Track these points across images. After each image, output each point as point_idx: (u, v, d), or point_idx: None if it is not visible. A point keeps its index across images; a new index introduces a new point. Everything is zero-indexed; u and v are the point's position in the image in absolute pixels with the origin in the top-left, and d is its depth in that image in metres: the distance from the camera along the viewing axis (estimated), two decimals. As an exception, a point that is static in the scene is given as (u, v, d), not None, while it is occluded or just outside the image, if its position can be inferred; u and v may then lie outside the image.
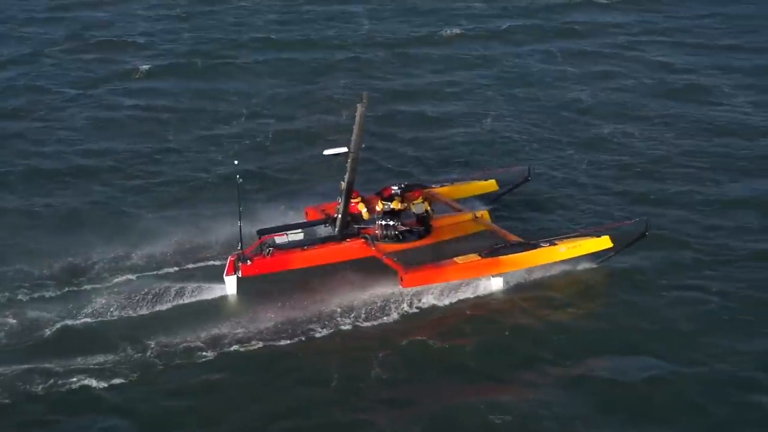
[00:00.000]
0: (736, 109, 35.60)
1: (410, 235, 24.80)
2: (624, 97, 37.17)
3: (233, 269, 23.47)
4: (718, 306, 22.75)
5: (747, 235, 25.88)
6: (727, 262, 24.65)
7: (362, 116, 23.49)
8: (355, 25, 47.49)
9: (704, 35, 45.17)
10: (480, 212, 25.97)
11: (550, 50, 43.23)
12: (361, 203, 25.32)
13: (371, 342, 21.20)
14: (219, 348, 21.05)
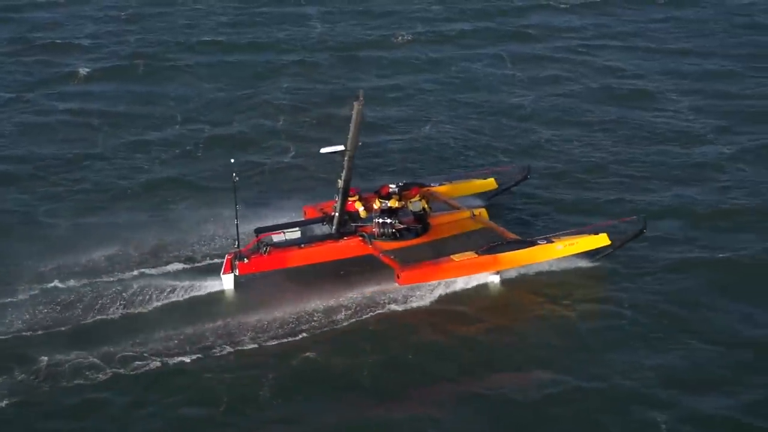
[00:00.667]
0: (678, 115, 35.21)
1: (407, 233, 24.81)
2: (568, 103, 36.73)
3: (230, 267, 23.54)
4: (629, 321, 22.39)
5: (669, 246, 25.54)
6: (644, 274, 24.31)
7: (359, 114, 23.41)
8: (307, 28, 46.84)
9: (657, 39, 44.67)
10: (478, 210, 26.05)
11: (500, 54, 42.67)
12: (358, 201, 25.37)
13: (268, 360, 20.76)
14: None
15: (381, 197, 25.11)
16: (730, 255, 24.80)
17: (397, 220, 24.77)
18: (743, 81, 38.62)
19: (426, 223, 25.19)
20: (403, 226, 24.83)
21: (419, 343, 21.51)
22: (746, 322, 22.01)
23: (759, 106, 35.64)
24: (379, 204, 25.00)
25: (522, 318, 22.73)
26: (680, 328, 22.01)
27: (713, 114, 35.17)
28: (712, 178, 29.73)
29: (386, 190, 25.28)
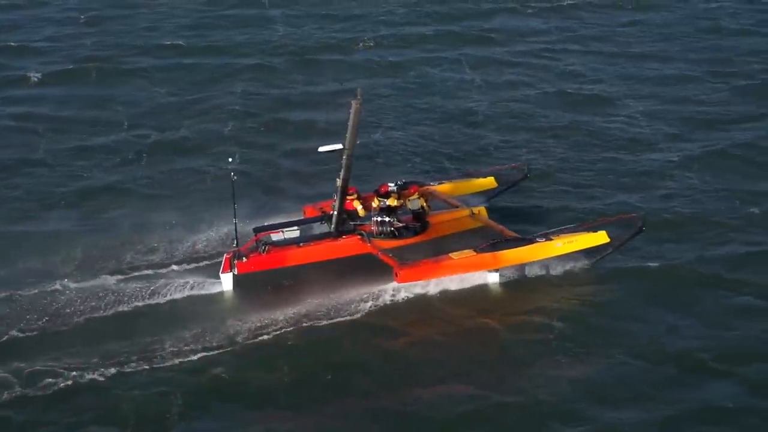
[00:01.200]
0: (631, 121, 34.80)
1: (406, 232, 24.86)
2: (522, 108, 36.33)
3: (229, 267, 23.60)
4: (556, 334, 21.98)
5: (603, 256, 25.29)
6: (578, 284, 23.95)
7: (357, 113, 23.38)
8: (269, 32, 46.34)
9: (621, 43, 44.24)
10: (477, 208, 26.00)
11: (460, 59, 42.21)
12: (356, 200, 25.38)
13: (181, 376, 20.28)
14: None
15: (380, 196, 25.17)
16: (664, 264, 24.47)
17: (395, 218, 24.86)
18: (701, 86, 38.25)
19: (425, 221, 25.27)
20: (401, 225, 24.91)
21: (339, 358, 21.09)
22: (672, 335, 21.65)
23: (713, 113, 35.31)
24: (377, 202, 25.05)
25: (448, 331, 22.23)
26: (607, 341, 21.62)
27: (666, 120, 34.83)
28: (657, 186, 29.38)
29: (385, 188, 25.31)
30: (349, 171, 24.10)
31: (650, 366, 20.56)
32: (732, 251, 25.36)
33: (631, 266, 24.58)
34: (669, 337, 21.60)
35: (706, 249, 25.45)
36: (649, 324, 22.23)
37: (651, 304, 22.98)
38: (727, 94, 37.19)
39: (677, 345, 21.28)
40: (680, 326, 21.96)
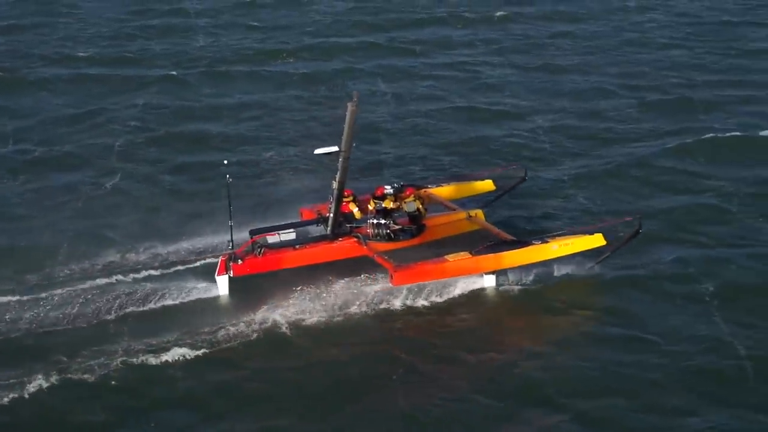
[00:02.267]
0: (534, 135, 33.80)
1: (402, 234, 24.80)
2: (426, 122, 35.38)
3: (225, 269, 23.54)
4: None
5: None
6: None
7: (353, 115, 23.28)
8: (189, 42, 45.61)
9: (544, 56, 43.49)
10: (474, 211, 25.93)
11: (377, 71, 41.41)
12: (352, 203, 25.29)
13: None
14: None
15: (376, 198, 25.10)
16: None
17: (392, 221, 24.79)
18: (614, 100, 37.44)
19: (421, 224, 25.14)
20: (398, 227, 24.82)
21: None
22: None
23: (619, 129, 34.36)
24: (373, 205, 24.97)
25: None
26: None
27: (569, 135, 33.93)
28: (543, 205, 28.48)
29: (381, 191, 25.22)
30: (345, 173, 24.02)
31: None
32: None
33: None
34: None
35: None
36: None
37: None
38: (638, 109, 36.37)
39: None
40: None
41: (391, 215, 24.87)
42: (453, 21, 49.77)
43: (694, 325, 22.02)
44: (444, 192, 27.29)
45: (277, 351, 21.31)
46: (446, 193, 27.31)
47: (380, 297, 23.22)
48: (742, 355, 20.70)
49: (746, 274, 24.07)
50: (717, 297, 23.00)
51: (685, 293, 23.32)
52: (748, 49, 43.83)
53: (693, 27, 47.74)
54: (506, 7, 52.05)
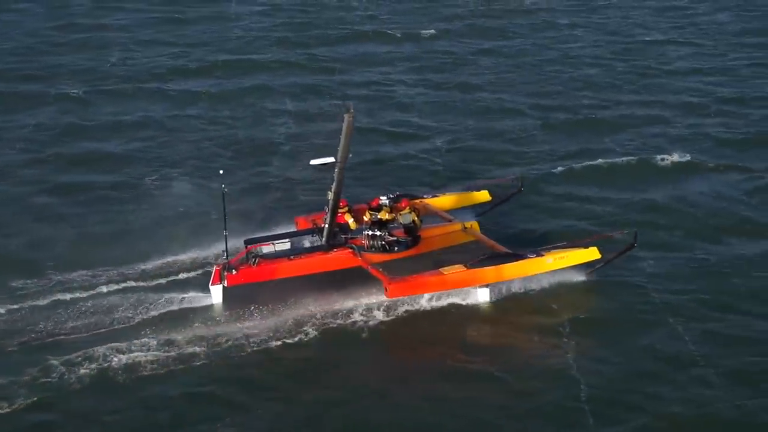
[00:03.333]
0: (430, 157, 33.13)
1: (398, 246, 24.71)
2: (319, 143, 33.85)
3: (219, 279, 23.49)
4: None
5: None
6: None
7: (350, 126, 23.06)
8: (102, 58, 44.61)
9: (460, 74, 42.86)
10: (469, 223, 25.86)
11: (285, 89, 40.44)
12: (347, 213, 25.29)
13: None
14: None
15: (371, 209, 25.04)
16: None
17: (387, 232, 24.67)
18: (518, 119, 36.70)
19: (416, 235, 25.02)
20: (393, 239, 24.70)
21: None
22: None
23: (514, 151, 33.48)
24: (369, 216, 24.91)
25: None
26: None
27: (465, 156, 33.14)
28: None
29: (377, 202, 25.21)
30: (341, 184, 23.82)
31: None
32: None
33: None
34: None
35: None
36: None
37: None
38: (542, 130, 35.66)
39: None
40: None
41: (386, 226, 24.84)
42: (379, 38, 49.20)
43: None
44: (440, 202, 27.28)
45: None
46: (442, 203, 27.31)
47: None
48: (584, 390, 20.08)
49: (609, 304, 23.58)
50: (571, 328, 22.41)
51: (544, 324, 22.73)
52: (667, 68, 43.30)
53: (618, 46, 47.29)
54: (436, 24, 51.74)
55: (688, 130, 35.32)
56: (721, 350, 21.39)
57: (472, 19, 52.71)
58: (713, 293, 23.83)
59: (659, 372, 20.64)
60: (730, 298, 23.61)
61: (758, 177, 30.76)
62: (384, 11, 54.83)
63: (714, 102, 38.56)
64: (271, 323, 22.37)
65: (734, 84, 40.84)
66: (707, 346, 21.52)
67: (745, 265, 25.20)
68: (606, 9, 54.91)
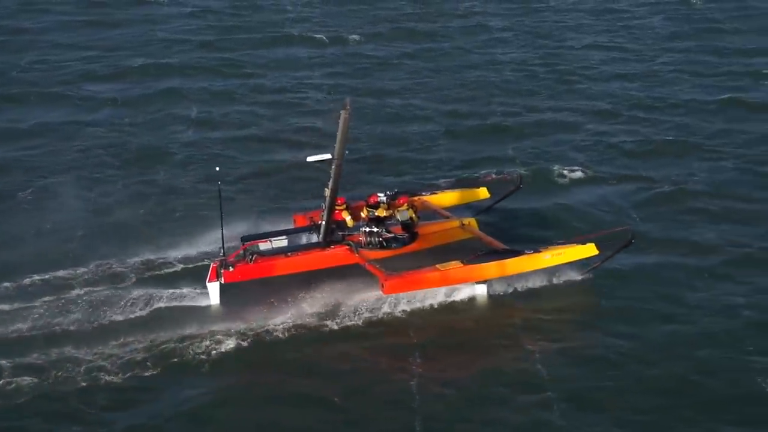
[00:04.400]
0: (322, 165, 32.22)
1: (395, 242, 24.80)
2: (214, 150, 33.56)
3: (216, 276, 23.48)
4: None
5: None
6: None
7: (346, 123, 23.07)
8: (13, 61, 43.52)
9: (382, 78, 41.70)
10: (467, 220, 25.96)
11: (195, 95, 39.36)
12: (345, 210, 25.32)
13: None
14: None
15: (369, 206, 25.10)
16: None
17: (384, 229, 24.77)
18: (427, 126, 35.76)
19: (413, 232, 25.05)
20: (390, 235, 24.78)
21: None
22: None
23: (411, 158, 32.69)
24: (366, 213, 25.01)
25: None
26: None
27: (363, 165, 32.17)
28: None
29: (374, 198, 25.22)
30: (338, 181, 23.86)
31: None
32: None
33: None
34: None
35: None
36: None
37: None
38: (445, 136, 34.74)
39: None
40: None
41: (383, 223, 24.85)
42: (305, 43, 47.79)
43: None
44: (438, 200, 27.25)
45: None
46: (441, 200, 27.27)
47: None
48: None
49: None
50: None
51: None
52: (589, 73, 42.22)
53: (546, 50, 46.13)
54: (367, 28, 50.42)
55: (592, 138, 34.48)
56: (571, 371, 20.74)
57: (404, 22, 51.48)
58: (579, 312, 23.34)
59: (503, 396, 19.95)
60: (592, 317, 23.12)
61: (651, 188, 29.97)
62: (317, 14, 53.63)
63: (628, 108, 37.67)
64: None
65: (654, 89, 39.91)
66: (556, 367, 20.85)
67: (616, 282, 24.57)
68: (542, 12, 53.77)
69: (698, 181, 30.45)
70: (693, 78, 41.08)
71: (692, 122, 36.14)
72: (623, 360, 21.17)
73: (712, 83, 40.33)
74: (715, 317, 22.71)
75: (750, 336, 21.72)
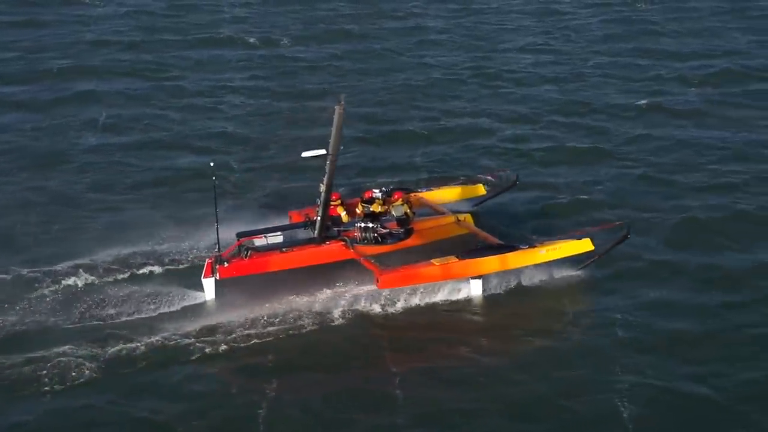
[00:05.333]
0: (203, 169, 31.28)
1: (390, 238, 24.80)
2: (121, 157, 32.67)
3: (211, 272, 23.47)
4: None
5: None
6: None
7: (341, 118, 23.27)
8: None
9: (302, 80, 40.91)
10: (463, 215, 25.98)
11: (107, 98, 38.45)
12: (340, 206, 25.43)
13: None
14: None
15: (364, 202, 25.22)
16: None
17: (379, 224, 24.80)
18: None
19: (409, 228, 25.14)
20: (385, 231, 24.80)
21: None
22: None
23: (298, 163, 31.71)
24: (361, 209, 25.12)
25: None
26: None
27: (249, 173, 31.60)
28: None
29: (369, 194, 25.37)
30: (332, 176, 23.92)
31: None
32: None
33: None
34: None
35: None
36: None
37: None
38: (356, 142, 33.76)
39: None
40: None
41: (378, 219, 24.85)
42: (233, 44, 46.84)
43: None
44: (434, 196, 27.30)
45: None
46: (436, 197, 27.30)
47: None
48: None
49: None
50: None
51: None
52: (517, 77, 41.34)
53: (478, 53, 45.23)
54: (301, 29, 49.51)
55: (504, 145, 33.67)
56: (428, 391, 19.95)
57: (340, 23, 50.49)
58: (449, 330, 22.56)
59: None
60: (462, 334, 22.31)
61: (553, 197, 29.20)
62: (253, 15, 52.56)
63: (549, 113, 36.92)
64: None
65: (578, 93, 39.10)
66: (414, 388, 20.11)
67: (494, 298, 23.84)
68: (484, 14, 52.88)
69: (602, 190, 29.73)
70: (619, 82, 40.46)
71: (612, 127, 35.50)
72: (486, 380, 20.36)
73: (638, 88, 39.69)
74: (588, 334, 21.98)
75: (618, 356, 20.97)
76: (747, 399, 19.34)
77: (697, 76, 40.81)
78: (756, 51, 44.47)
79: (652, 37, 47.63)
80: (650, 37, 47.63)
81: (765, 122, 35.37)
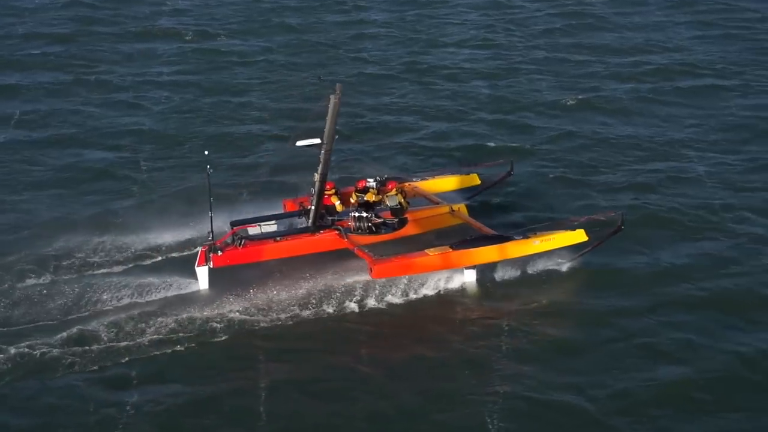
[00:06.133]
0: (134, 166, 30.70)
1: (384, 228, 24.82)
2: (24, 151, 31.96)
3: (205, 260, 23.51)
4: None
5: None
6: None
7: (336, 107, 23.26)
8: None
9: (233, 77, 40.04)
10: (457, 205, 25.95)
11: (25, 91, 37.77)
12: (334, 195, 25.45)
13: None
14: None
15: (358, 191, 25.19)
16: None
17: (373, 214, 24.76)
18: (247, 127, 34.38)
19: (403, 217, 25.10)
20: (379, 221, 24.77)
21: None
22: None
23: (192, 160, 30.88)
24: (355, 198, 25.08)
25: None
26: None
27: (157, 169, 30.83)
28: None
29: (363, 184, 25.28)
30: (327, 166, 23.97)
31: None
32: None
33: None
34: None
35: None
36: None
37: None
38: (270, 140, 33.07)
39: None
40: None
41: (373, 208, 24.82)
42: (166, 36, 46.04)
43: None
44: (428, 186, 27.21)
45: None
46: (431, 187, 27.20)
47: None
48: None
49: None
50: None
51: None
52: (449, 72, 40.27)
53: (414, 47, 44.15)
54: (241, 21, 48.42)
55: (422, 143, 32.86)
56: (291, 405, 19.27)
57: (282, 16, 49.39)
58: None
59: None
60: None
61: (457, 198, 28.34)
62: (194, 7, 51.32)
63: (474, 110, 36.09)
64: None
65: (510, 89, 38.26)
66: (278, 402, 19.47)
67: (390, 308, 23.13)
68: (430, 7, 51.80)
69: (513, 192, 28.92)
70: (553, 78, 39.62)
71: (537, 124, 34.69)
72: (358, 393, 19.57)
73: (571, 84, 38.83)
74: (473, 343, 21.39)
75: (499, 366, 20.43)
76: (618, 412, 18.66)
77: (633, 73, 40.05)
78: (696, 47, 43.71)
79: (596, 32, 46.75)
80: (594, 32, 46.74)
81: (691, 120, 34.67)
